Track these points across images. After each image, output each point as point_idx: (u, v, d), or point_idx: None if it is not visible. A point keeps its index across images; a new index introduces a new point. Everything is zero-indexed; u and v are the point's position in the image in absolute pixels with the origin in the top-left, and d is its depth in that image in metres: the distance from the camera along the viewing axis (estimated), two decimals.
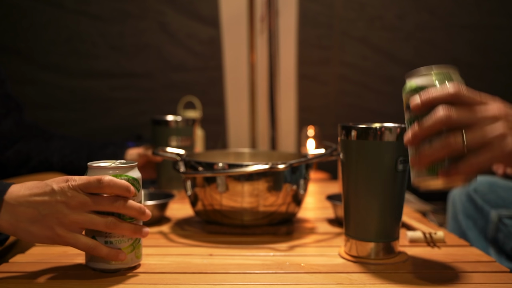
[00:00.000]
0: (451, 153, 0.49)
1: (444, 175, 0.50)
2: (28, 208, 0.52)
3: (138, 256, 0.58)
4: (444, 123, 0.49)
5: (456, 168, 0.49)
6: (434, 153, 0.49)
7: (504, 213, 0.99)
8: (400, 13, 1.73)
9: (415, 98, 0.51)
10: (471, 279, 0.56)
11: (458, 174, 0.49)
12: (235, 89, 1.77)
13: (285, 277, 0.56)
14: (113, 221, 0.54)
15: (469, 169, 0.48)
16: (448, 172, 0.49)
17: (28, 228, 0.52)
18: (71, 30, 1.68)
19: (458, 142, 0.48)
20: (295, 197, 0.77)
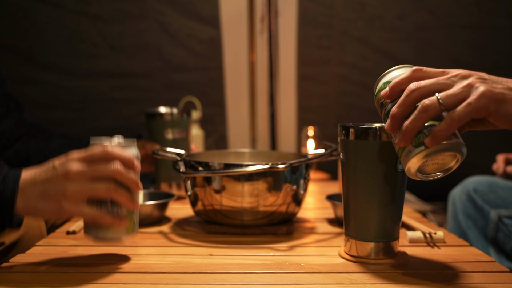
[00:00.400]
0: (430, 116, 0.49)
1: (430, 139, 0.49)
2: (34, 187, 0.56)
3: (135, 227, 0.61)
4: (415, 92, 0.50)
5: (439, 128, 0.49)
6: (415, 121, 0.50)
7: (504, 213, 0.99)
8: (400, 13, 1.73)
9: (384, 89, 0.54)
10: (471, 279, 0.56)
11: (442, 133, 0.49)
12: (235, 89, 1.77)
13: (285, 277, 0.56)
14: (112, 187, 0.56)
15: (451, 125, 0.48)
16: (433, 135, 0.49)
17: (37, 206, 0.56)
18: (71, 30, 1.68)
19: (433, 102, 0.49)
20: (295, 197, 0.77)
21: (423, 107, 0.49)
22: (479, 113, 0.49)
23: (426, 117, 0.49)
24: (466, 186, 1.08)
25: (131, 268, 0.59)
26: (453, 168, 0.53)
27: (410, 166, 0.52)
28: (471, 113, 0.48)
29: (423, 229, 0.73)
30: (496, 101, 0.48)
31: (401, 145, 0.52)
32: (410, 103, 0.51)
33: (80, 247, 0.69)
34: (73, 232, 0.76)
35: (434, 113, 0.49)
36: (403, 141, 0.51)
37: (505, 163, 1.11)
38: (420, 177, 0.53)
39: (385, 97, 0.55)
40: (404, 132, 0.51)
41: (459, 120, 0.48)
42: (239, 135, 1.79)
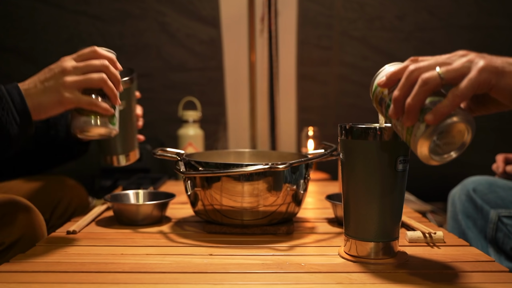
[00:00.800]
0: (430, 88, 0.49)
1: (433, 115, 0.49)
2: (36, 87, 0.65)
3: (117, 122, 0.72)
4: (415, 72, 0.50)
5: (442, 104, 0.49)
6: (416, 96, 0.50)
7: (504, 213, 0.99)
8: (400, 13, 1.73)
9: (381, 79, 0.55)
10: (471, 278, 0.56)
11: (445, 109, 0.48)
12: (235, 89, 1.77)
13: (285, 277, 0.56)
14: (104, 77, 0.67)
15: (454, 101, 0.48)
16: (436, 111, 0.49)
17: (41, 102, 0.65)
18: (71, 30, 1.68)
19: (433, 75, 0.49)
20: (295, 197, 0.77)
21: (423, 80, 0.49)
22: (481, 87, 0.48)
23: (427, 90, 0.49)
24: (465, 186, 1.08)
25: (131, 268, 0.59)
26: (467, 142, 0.51)
27: (421, 148, 0.51)
28: (473, 88, 0.48)
29: (423, 229, 0.73)
30: (497, 74, 0.48)
31: (407, 124, 0.51)
32: (411, 83, 0.51)
33: (80, 247, 0.69)
34: (73, 232, 0.76)
35: (434, 86, 0.49)
36: (408, 120, 0.51)
37: (505, 163, 1.11)
38: (436, 160, 0.51)
39: (381, 85, 0.55)
40: (407, 110, 0.50)
41: (462, 96, 0.48)
42: (239, 135, 1.79)
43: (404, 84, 0.51)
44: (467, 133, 0.51)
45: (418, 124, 0.51)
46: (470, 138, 0.51)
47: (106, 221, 0.86)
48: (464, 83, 0.48)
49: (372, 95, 0.59)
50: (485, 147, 1.77)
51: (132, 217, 0.82)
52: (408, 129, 0.53)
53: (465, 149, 0.52)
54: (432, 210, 1.50)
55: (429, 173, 1.79)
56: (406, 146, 0.59)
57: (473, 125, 0.50)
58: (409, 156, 0.60)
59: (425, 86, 0.49)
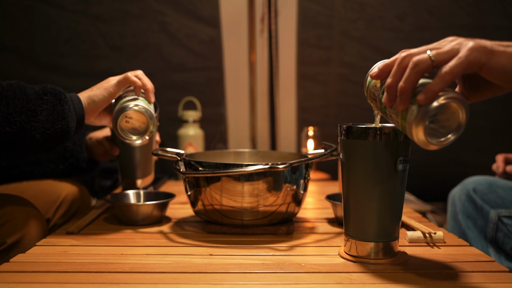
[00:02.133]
0: (421, 70, 0.50)
1: (423, 95, 0.49)
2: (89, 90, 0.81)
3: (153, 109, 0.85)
4: (406, 58, 0.51)
5: (432, 83, 0.49)
6: (408, 79, 0.50)
7: (504, 213, 0.99)
8: (400, 13, 1.73)
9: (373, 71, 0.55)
10: (471, 278, 0.56)
11: (435, 88, 0.49)
12: (235, 89, 1.77)
13: (285, 277, 0.56)
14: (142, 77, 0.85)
15: (444, 78, 0.49)
16: (426, 91, 0.49)
17: (95, 99, 0.79)
18: (71, 30, 1.68)
19: (424, 57, 0.50)
20: (295, 197, 0.77)
21: (414, 62, 0.50)
22: (471, 66, 0.49)
23: (418, 71, 0.50)
24: (465, 186, 1.08)
25: (131, 268, 0.59)
26: (462, 123, 0.51)
27: (416, 132, 0.50)
28: (463, 66, 0.49)
29: (423, 229, 0.73)
30: (486, 53, 0.49)
31: (400, 107, 0.52)
32: (403, 69, 0.51)
33: (80, 247, 0.69)
34: (73, 232, 0.76)
35: (425, 68, 0.50)
36: (401, 103, 0.51)
37: (505, 163, 1.11)
38: (433, 143, 0.51)
39: (373, 76, 0.55)
40: (400, 93, 0.51)
41: (451, 73, 0.48)
42: (239, 135, 1.79)
43: (396, 71, 0.52)
44: (461, 113, 0.51)
45: (411, 107, 0.51)
46: (465, 118, 0.51)
47: (106, 221, 0.86)
48: (454, 61, 0.49)
49: (366, 91, 0.60)
50: (485, 147, 1.77)
51: (132, 217, 0.82)
52: (402, 115, 0.52)
53: (462, 131, 0.51)
54: (432, 210, 1.50)
55: (429, 173, 1.79)
56: (406, 146, 0.59)
57: (466, 105, 0.50)
58: (409, 156, 0.60)
59: (416, 67, 0.50)
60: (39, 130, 0.69)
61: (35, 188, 0.95)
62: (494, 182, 1.06)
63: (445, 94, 0.49)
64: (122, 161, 1.00)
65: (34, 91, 0.71)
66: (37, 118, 0.69)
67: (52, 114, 0.71)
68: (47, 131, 0.70)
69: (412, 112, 0.51)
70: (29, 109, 0.69)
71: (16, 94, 0.69)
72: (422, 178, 1.69)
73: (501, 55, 0.50)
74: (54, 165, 1.02)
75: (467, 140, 1.81)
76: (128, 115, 0.80)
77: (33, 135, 0.69)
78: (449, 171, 1.82)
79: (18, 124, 0.68)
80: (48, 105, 0.71)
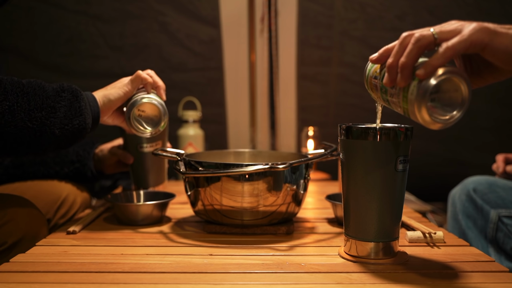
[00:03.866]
0: (423, 45, 0.50)
1: (423, 69, 0.49)
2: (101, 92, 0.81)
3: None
4: (408, 37, 0.51)
5: (433, 57, 0.49)
6: (409, 54, 0.50)
7: (504, 213, 0.99)
8: (400, 13, 1.73)
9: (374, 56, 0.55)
10: (471, 278, 0.56)
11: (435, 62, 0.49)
12: (235, 89, 1.77)
13: (285, 277, 0.56)
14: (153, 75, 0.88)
15: (445, 53, 0.49)
16: (427, 64, 0.49)
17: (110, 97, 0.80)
18: (71, 30, 1.68)
19: (427, 33, 0.50)
20: (295, 197, 0.77)
21: (416, 37, 0.50)
22: (473, 45, 0.49)
23: (420, 46, 0.50)
24: (466, 186, 1.08)
25: (131, 268, 0.59)
26: (466, 98, 0.50)
27: (419, 110, 0.50)
28: (465, 43, 0.49)
29: (423, 229, 0.73)
30: (489, 34, 0.49)
31: (401, 84, 0.51)
32: (404, 48, 0.51)
33: (80, 247, 0.69)
34: (73, 232, 0.76)
35: (427, 43, 0.50)
36: (402, 79, 0.51)
37: (505, 163, 1.11)
38: (439, 122, 0.50)
39: (373, 60, 0.55)
40: (401, 69, 0.51)
41: (453, 48, 0.49)
42: (239, 135, 1.79)
43: (397, 50, 0.52)
44: (463, 87, 0.50)
45: (411, 85, 0.51)
46: (467, 92, 0.50)
47: (106, 221, 0.86)
48: (457, 38, 0.49)
49: (366, 81, 0.59)
50: (485, 147, 1.77)
51: (132, 217, 0.82)
52: (403, 96, 0.52)
53: (467, 107, 0.50)
54: (432, 210, 1.50)
55: (429, 173, 1.79)
56: (406, 146, 0.59)
57: (467, 79, 0.50)
58: (409, 156, 0.60)
59: (418, 42, 0.50)
60: (58, 126, 0.71)
61: (36, 188, 0.96)
62: (494, 182, 1.06)
63: (445, 69, 0.49)
64: (135, 170, 1.03)
65: (52, 88, 0.73)
66: (56, 114, 0.71)
67: (70, 110, 0.73)
68: (65, 127, 0.72)
69: (412, 90, 0.50)
70: (48, 105, 0.71)
71: (35, 91, 0.70)
72: (422, 178, 1.69)
73: (504, 36, 0.50)
74: (59, 167, 1.03)
75: (467, 140, 1.81)
76: (141, 108, 0.82)
77: (52, 130, 0.71)
78: (449, 171, 1.82)
79: (38, 120, 0.69)
80: (66, 102, 0.73)
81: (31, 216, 0.77)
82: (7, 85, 0.68)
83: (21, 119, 0.68)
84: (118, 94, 0.81)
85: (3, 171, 1.02)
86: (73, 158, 1.03)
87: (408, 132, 0.59)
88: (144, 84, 0.84)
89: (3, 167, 1.02)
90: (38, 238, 0.74)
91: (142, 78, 0.83)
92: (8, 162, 1.03)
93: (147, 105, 0.82)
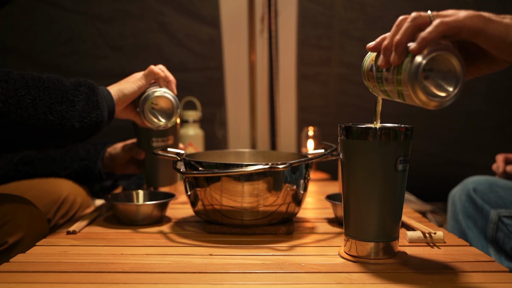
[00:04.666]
0: (418, 23, 0.50)
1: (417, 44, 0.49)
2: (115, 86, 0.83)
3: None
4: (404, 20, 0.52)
5: (425, 31, 0.49)
6: (404, 32, 0.50)
7: (504, 213, 0.99)
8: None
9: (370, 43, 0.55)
10: (471, 279, 0.56)
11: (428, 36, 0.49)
12: (235, 89, 1.77)
13: (285, 277, 0.56)
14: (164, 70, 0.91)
15: (437, 27, 0.49)
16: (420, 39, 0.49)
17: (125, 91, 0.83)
18: (71, 30, 1.68)
19: (424, 14, 0.51)
20: (295, 197, 0.77)
21: (412, 16, 0.51)
22: (467, 29, 0.50)
23: (415, 24, 0.50)
24: (466, 186, 1.08)
25: (131, 268, 0.59)
26: (460, 73, 0.50)
27: (413, 89, 0.50)
28: (459, 23, 0.49)
29: (423, 229, 0.73)
30: (484, 20, 0.50)
31: (395, 62, 0.51)
32: (399, 29, 0.52)
33: (80, 247, 0.69)
34: (73, 232, 0.76)
35: (422, 22, 0.50)
36: (396, 56, 0.51)
37: (505, 163, 1.11)
38: (435, 100, 0.50)
39: (370, 47, 0.56)
40: (395, 46, 0.51)
41: (447, 24, 0.49)
42: (239, 135, 1.79)
43: (393, 32, 0.52)
44: (455, 63, 0.50)
45: (404, 63, 0.51)
46: (461, 69, 0.50)
47: (106, 221, 0.86)
48: (452, 17, 0.50)
49: (364, 74, 0.59)
50: (485, 147, 1.77)
51: (132, 217, 0.82)
52: (397, 79, 0.52)
53: (463, 85, 0.50)
54: (432, 210, 1.50)
55: (429, 173, 1.79)
56: (406, 146, 0.59)
57: (459, 56, 0.50)
58: (409, 156, 0.60)
59: (413, 21, 0.50)
60: (77, 118, 0.74)
61: (36, 188, 0.96)
62: (494, 182, 1.06)
63: (437, 45, 0.50)
64: (147, 167, 1.03)
65: (70, 83, 0.76)
66: (75, 108, 0.74)
67: (87, 104, 0.75)
68: (84, 120, 0.75)
69: (405, 68, 0.50)
70: (68, 99, 0.74)
71: (55, 85, 0.73)
72: (422, 178, 1.69)
73: (498, 23, 0.51)
74: (68, 163, 1.04)
75: (467, 140, 1.81)
76: (155, 101, 0.86)
77: (72, 123, 0.74)
78: (449, 171, 1.82)
79: (59, 113, 0.72)
80: (84, 96, 0.76)
81: (32, 215, 0.77)
82: (29, 80, 0.71)
83: (43, 112, 0.71)
84: (133, 88, 0.84)
85: (12, 168, 1.03)
86: (83, 155, 1.04)
87: (408, 132, 0.59)
88: (156, 79, 0.88)
89: (12, 163, 1.03)
90: (39, 238, 0.74)
91: (155, 72, 0.86)
92: (17, 159, 1.03)
93: (161, 98, 0.86)
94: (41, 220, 0.79)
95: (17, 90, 0.69)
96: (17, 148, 0.75)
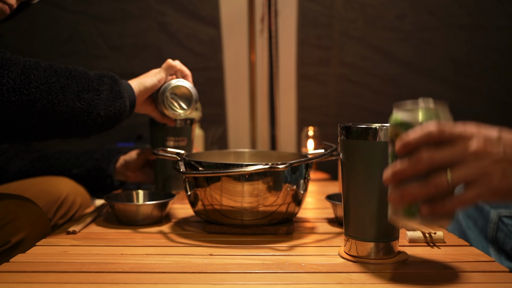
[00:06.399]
0: (435, 193, 0.47)
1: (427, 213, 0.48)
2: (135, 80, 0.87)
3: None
4: (426, 165, 0.48)
5: (442, 205, 0.48)
6: (418, 192, 0.48)
7: (504, 213, 0.99)
8: (400, 13, 1.73)
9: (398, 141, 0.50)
10: (471, 278, 0.56)
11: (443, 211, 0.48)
12: (235, 89, 1.77)
13: (285, 277, 0.56)
14: None
15: (454, 206, 0.48)
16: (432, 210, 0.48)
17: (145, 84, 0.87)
18: (71, 30, 1.68)
19: (442, 182, 0.47)
20: (295, 197, 0.77)
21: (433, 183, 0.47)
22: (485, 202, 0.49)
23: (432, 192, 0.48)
24: None
25: (131, 268, 0.59)
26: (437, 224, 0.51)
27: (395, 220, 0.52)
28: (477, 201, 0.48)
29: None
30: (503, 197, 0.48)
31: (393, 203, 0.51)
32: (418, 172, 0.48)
33: (80, 247, 0.69)
34: (73, 232, 0.76)
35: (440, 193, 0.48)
36: (400, 202, 0.50)
37: None
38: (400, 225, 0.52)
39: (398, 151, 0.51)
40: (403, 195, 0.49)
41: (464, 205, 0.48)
42: (239, 135, 1.79)
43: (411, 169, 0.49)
44: None
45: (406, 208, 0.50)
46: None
47: (106, 221, 0.86)
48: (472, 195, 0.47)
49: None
50: None
51: (132, 217, 0.82)
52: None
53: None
54: None
55: None
56: None
57: None
58: None
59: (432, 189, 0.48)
60: (102, 107, 0.77)
61: (36, 188, 0.96)
62: None
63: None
64: (158, 171, 1.03)
65: (94, 73, 0.79)
66: (100, 97, 0.77)
67: (111, 93, 0.79)
68: (108, 108, 0.78)
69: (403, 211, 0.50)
70: (93, 88, 0.77)
71: (81, 74, 0.77)
72: None
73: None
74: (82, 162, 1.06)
75: None
76: (175, 91, 0.91)
77: (98, 111, 0.77)
78: None
79: (86, 100, 0.75)
80: (107, 86, 0.79)
81: (34, 215, 0.77)
82: (57, 69, 0.74)
83: (72, 99, 0.73)
84: (153, 81, 0.88)
85: (27, 163, 1.04)
86: (98, 156, 1.06)
87: None
88: (175, 71, 0.93)
89: (28, 160, 1.04)
90: (41, 237, 0.74)
91: (172, 65, 0.92)
92: (34, 157, 1.06)
93: (180, 87, 0.91)
94: (44, 220, 0.79)
95: (48, 77, 0.72)
96: (45, 136, 0.76)
